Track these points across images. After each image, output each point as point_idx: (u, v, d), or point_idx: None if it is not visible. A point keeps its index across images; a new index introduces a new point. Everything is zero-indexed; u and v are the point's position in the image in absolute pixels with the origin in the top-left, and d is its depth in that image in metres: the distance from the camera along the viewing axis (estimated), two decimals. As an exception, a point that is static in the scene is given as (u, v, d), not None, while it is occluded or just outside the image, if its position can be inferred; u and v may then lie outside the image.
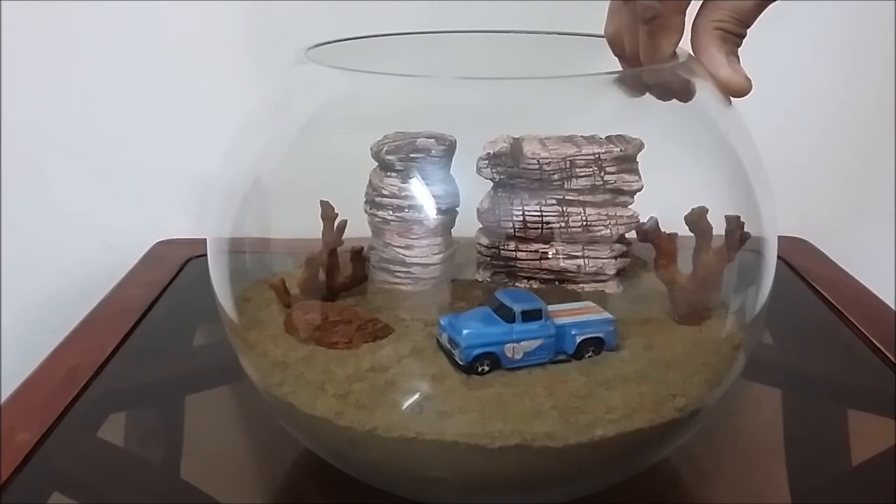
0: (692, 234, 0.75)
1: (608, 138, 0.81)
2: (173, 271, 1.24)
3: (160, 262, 1.28)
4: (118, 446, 0.81)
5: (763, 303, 0.73)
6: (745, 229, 0.72)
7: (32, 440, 0.79)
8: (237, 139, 0.81)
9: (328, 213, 0.81)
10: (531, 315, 0.67)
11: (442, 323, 0.69)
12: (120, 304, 1.13)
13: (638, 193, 0.80)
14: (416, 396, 0.63)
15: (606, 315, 0.70)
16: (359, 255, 0.81)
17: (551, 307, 0.70)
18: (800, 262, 1.10)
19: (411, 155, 0.82)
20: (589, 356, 0.63)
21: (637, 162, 0.80)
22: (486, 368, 0.61)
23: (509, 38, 0.93)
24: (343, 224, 0.80)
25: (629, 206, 0.81)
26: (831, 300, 1.09)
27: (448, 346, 0.68)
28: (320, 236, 0.80)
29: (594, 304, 0.73)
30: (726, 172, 0.75)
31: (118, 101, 1.30)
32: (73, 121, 1.30)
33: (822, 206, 1.41)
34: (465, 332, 0.66)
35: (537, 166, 0.79)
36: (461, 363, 0.65)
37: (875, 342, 0.98)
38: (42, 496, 0.65)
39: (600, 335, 0.69)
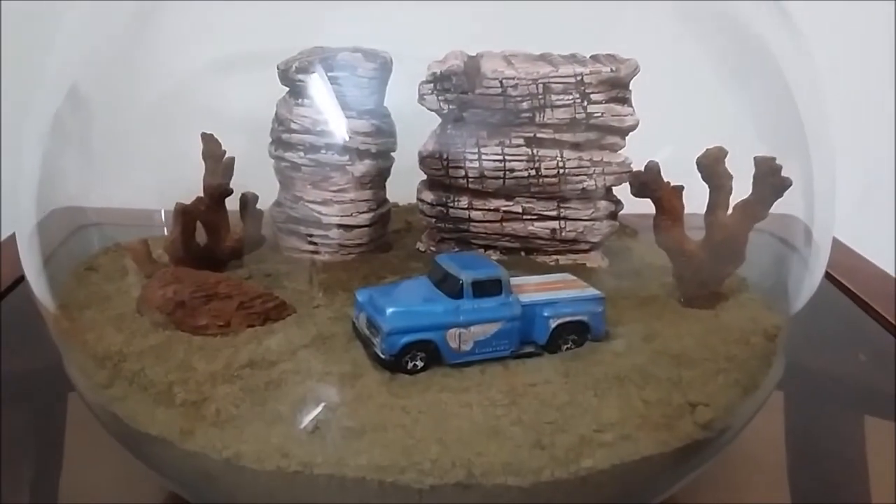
0: (706, 185, 0.55)
1: (594, 57, 0.61)
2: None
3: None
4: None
5: (816, 284, 0.53)
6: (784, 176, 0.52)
7: None
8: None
9: (212, 149, 0.59)
10: (486, 288, 0.47)
11: (359, 299, 0.48)
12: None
13: (632, 132, 0.60)
14: (311, 407, 0.41)
15: (592, 291, 0.50)
16: (252, 206, 0.59)
17: (516, 279, 0.50)
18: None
19: (330, 74, 0.61)
20: (568, 348, 0.42)
21: (630, 90, 0.60)
22: (420, 364, 0.42)
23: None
24: (231, 162, 0.58)
25: (620, 151, 0.61)
26: (851, 289, 0.91)
27: (367, 332, 0.47)
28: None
29: (574, 277, 0.52)
30: (766, 108, 0.54)
31: None
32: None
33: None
34: (389, 311, 0.45)
35: (500, 90, 0.58)
36: (383, 356, 0.44)
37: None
38: None
39: (583, 318, 0.49)
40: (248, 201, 0.58)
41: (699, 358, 0.48)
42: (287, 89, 0.63)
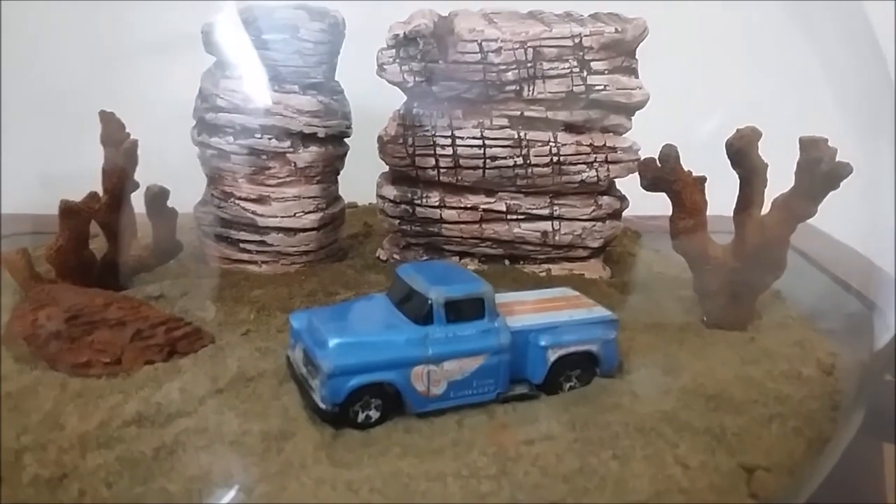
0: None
1: (594, 16, 0.49)
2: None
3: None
4: None
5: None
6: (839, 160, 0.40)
7: None
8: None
9: (112, 132, 0.46)
10: (464, 309, 0.36)
11: (295, 325, 0.36)
12: None
13: (639, 111, 0.49)
14: (216, 486, 0.29)
15: (601, 311, 0.39)
16: (160, 204, 0.46)
17: (504, 297, 0.38)
18: (810, 245, 0.79)
19: (264, 37, 0.48)
20: (572, 387, 0.32)
21: (637, 59, 0.48)
22: (375, 415, 0.34)
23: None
24: (133, 147, 0.45)
25: (625, 134, 0.50)
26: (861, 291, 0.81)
27: (304, 370, 0.35)
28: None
29: (577, 293, 0.41)
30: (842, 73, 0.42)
31: None
32: None
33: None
34: (333, 342, 0.33)
35: (479, 56, 0.46)
36: (324, 406, 0.32)
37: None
38: None
39: (591, 348, 0.37)
40: (154, 198, 0.45)
41: (742, 399, 0.37)
42: (214, 58, 0.50)
